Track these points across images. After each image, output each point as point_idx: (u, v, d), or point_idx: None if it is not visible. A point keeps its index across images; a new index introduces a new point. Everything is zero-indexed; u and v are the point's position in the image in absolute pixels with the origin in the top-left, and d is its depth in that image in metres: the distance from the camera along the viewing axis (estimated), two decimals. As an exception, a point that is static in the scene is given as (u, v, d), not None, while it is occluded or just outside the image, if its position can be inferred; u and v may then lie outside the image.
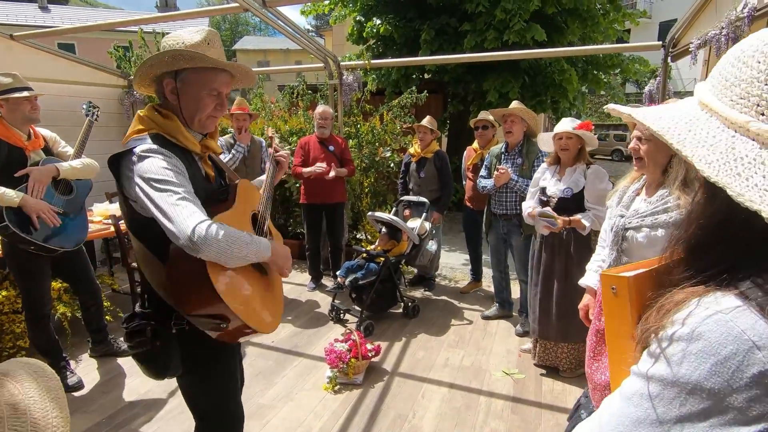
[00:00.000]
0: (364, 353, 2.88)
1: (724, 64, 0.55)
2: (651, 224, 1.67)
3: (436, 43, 7.27)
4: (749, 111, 0.50)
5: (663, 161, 1.68)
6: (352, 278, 3.56)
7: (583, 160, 2.67)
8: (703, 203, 0.57)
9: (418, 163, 4.30)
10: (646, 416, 0.52)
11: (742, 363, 0.46)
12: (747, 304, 0.48)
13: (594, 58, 7.86)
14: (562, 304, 2.76)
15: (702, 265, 0.56)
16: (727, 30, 2.38)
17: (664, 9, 22.36)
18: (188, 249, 1.18)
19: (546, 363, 2.97)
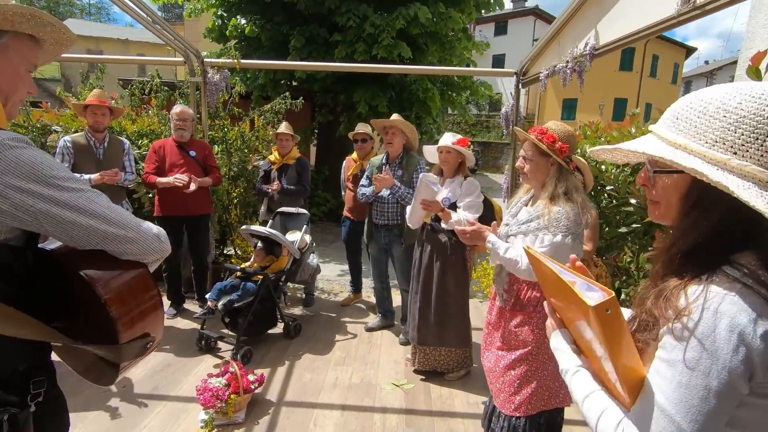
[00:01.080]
0: (246, 386, 2.55)
1: (691, 115, 0.72)
2: (525, 231, 1.85)
3: (305, 50, 7.14)
4: (726, 151, 0.68)
5: (543, 178, 1.85)
6: (225, 301, 3.15)
7: (463, 173, 2.83)
8: (698, 220, 0.72)
9: (280, 170, 4.11)
10: (704, 391, 0.64)
11: (755, 327, 0.62)
12: (743, 287, 0.65)
13: (450, 80, 8.66)
14: (439, 310, 2.88)
15: (689, 263, 0.72)
16: (572, 64, 2.80)
17: (495, 44, 26.12)
18: (148, 253, 0.97)
19: (426, 368, 3.05)
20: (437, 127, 8.81)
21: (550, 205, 1.78)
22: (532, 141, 1.81)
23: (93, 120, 3.31)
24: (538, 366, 1.84)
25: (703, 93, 0.72)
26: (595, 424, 0.77)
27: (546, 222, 1.77)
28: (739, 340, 0.62)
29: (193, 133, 3.96)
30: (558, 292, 0.90)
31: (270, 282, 3.36)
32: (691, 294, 0.68)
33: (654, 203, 0.82)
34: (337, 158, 8.49)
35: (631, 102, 22.83)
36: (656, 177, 0.78)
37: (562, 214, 1.74)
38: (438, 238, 2.88)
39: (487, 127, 25.93)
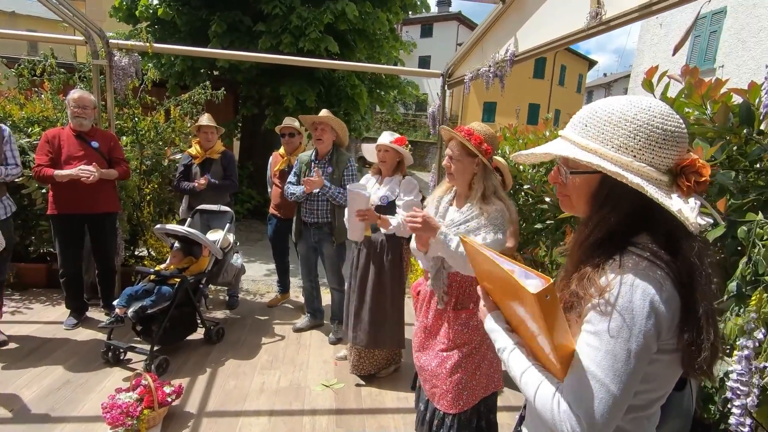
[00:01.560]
0: (162, 399, 2.34)
1: (599, 123, 0.83)
2: (465, 231, 1.88)
3: (227, 38, 6.76)
4: (628, 155, 0.80)
5: (468, 178, 1.92)
6: (137, 307, 2.87)
7: (401, 172, 2.84)
8: (609, 212, 0.84)
9: (202, 165, 3.85)
10: (626, 354, 0.75)
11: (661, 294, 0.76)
12: (648, 263, 0.78)
13: (378, 78, 8.72)
14: (375, 311, 2.85)
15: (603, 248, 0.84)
16: (494, 69, 2.94)
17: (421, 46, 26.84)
18: None
19: (360, 372, 3.02)
20: (366, 124, 8.84)
21: (485, 204, 1.84)
22: (460, 141, 1.85)
23: None
24: (481, 358, 1.89)
25: (605, 104, 0.84)
26: (533, 396, 0.85)
27: (485, 221, 1.82)
28: (651, 307, 0.75)
29: (96, 122, 3.55)
30: (494, 278, 0.96)
31: (189, 285, 3.12)
32: (609, 273, 0.79)
33: (565, 197, 0.93)
34: (262, 153, 8.18)
35: (543, 107, 24.74)
36: (572, 176, 0.88)
37: (499, 212, 1.81)
38: (374, 238, 2.86)
39: (414, 126, 26.57)
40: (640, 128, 0.79)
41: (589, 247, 0.85)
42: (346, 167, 3.40)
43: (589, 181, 0.86)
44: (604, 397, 0.75)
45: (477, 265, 1.05)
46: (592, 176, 0.85)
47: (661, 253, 0.78)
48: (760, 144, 1.73)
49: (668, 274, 0.77)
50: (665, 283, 0.76)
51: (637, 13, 1.86)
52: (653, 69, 2.27)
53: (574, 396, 0.78)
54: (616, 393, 0.75)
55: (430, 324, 1.97)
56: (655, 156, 0.79)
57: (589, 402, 0.76)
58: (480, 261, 0.99)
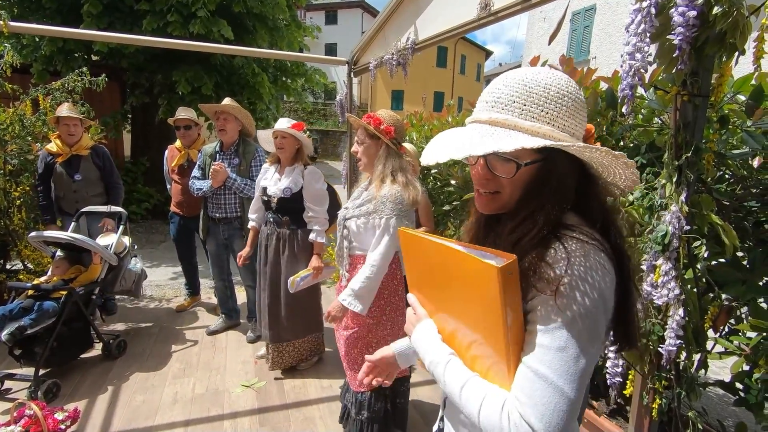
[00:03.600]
0: (54, 427, 2.08)
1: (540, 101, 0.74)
2: (358, 214, 1.95)
3: (105, 19, 6.02)
4: (566, 131, 0.75)
5: (374, 160, 1.96)
6: (13, 328, 2.48)
7: (302, 161, 2.77)
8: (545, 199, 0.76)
9: (68, 163, 3.38)
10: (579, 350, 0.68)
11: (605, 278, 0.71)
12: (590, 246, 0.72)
13: (283, 66, 8.41)
14: (291, 304, 2.79)
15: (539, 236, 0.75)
16: (396, 56, 2.99)
17: (327, 33, 26.46)
18: None
19: (282, 367, 2.95)
20: (272, 114, 8.51)
21: (378, 188, 1.90)
22: (362, 126, 1.90)
23: None
24: (378, 341, 1.96)
25: (529, 78, 0.74)
26: (477, 413, 0.73)
27: (374, 206, 1.89)
28: (600, 295, 0.69)
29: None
30: (437, 272, 0.84)
31: (78, 297, 2.78)
32: (554, 264, 0.71)
33: (493, 195, 0.81)
34: (158, 147, 7.48)
35: (447, 95, 25.94)
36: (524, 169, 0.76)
37: (388, 197, 1.87)
38: (283, 231, 2.78)
39: (324, 115, 26.25)
40: (573, 102, 0.74)
41: (530, 240, 0.75)
42: (254, 157, 3.26)
43: (534, 170, 0.76)
44: (559, 401, 0.67)
45: (413, 262, 0.93)
46: (537, 165, 0.76)
47: (597, 234, 0.74)
48: (621, 125, 2.00)
49: (608, 255, 0.73)
50: (608, 265, 0.72)
51: (519, 6, 2.02)
52: (536, 59, 2.49)
53: (525, 404, 0.68)
54: (572, 396, 0.67)
55: (355, 336, 2.01)
56: (579, 129, 0.76)
57: (543, 408, 0.67)
58: (421, 250, 0.87)
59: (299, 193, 2.73)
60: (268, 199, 2.77)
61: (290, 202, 2.72)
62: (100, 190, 3.49)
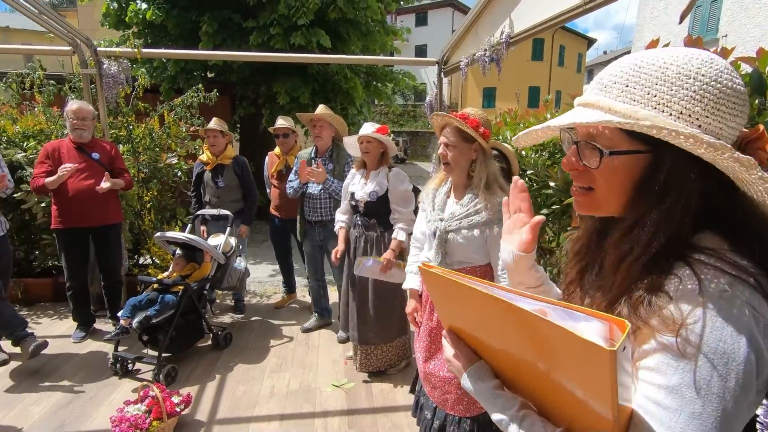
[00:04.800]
0: (171, 409, 2.32)
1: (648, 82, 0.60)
2: (467, 226, 1.80)
3: (218, 37, 6.67)
4: (692, 123, 0.58)
5: (466, 166, 1.84)
6: (141, 317, 2.84)
7: (386, 164, 2.76)
8: (672, 207, 0.59)
9: (214, 171, 3.80)
10: (718, 417, 0.51)
11: (757, 324, 0.53)
12: (733, 279, 0.55)
13: (373, 70, 8.60)
14: (378, 306, 2.81)
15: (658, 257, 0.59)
16: (489, 52, 2.85)
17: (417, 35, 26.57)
18: None
19: (369, 369, 2.97)
20: (364, 118, 8.74)
21: (489, 195, 1.75)
22: (456, 125, 1.77)
23: None
24: None
25: (651, 56, 0.61)
26: None
27: (492, 214, 1.74)
28: (749, 344, 0.52)
29: (94, 132, 3.51)
30: (490, 323, 0.68)
31: (192, 292, 3.09)
32: (679, 296, 0.55)
33: (585, 191, 0.68)
34: (262, 153, 8.07)
35: (543, 90, 24.46)
36: (608, 158, 0.63)
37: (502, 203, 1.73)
38: (370, 234, 2.81)
39: (414, 116, 26.41)
40: (707, 87, 0.57)
41: (644, 262, 0.60)
42: (347, 162, 3.34)
43: (633, 164, 0.61)
44: None
45: (444, 300, 0.77)
46: (638, 157, 0.61)
47: (744, 262, 0.56)
48: (774, 114, 1.64)
49: (758, 289, 0.55)
50: (761, 304, 0.54)
51: (636, -16, 1.77)
52: (654, 42, 2.16)
53: None
54: None
55: (434, 326, 1.88)
56: (724, 125, 0.58)
57: None
58: (460, 295, 0.69)
59: (385, 196, 2.73)
60: (355, 203, 2.81)
61: (377, 205, 2.73)
62: (238, 196, 3.85)
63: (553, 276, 3.07)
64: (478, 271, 1.83)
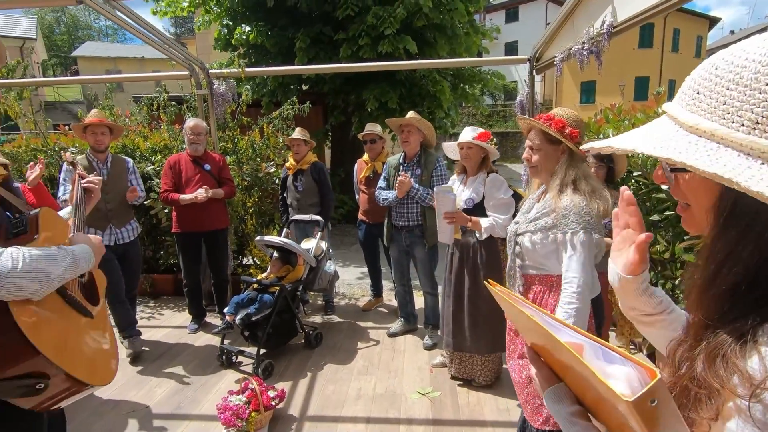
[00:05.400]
0: (267, 403, 2.48)
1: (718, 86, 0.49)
2: (533, 229, 1.72)
3: (312, 51, 7.07)
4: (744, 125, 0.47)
5: (553, 168, 1.71)
6: (243, 315, 3.10)
7: (486, 169, 2.66)
8: (740, 237, 0.49)
9: (295, 176, 4.03)
10: None
11: None
12: None
13: (460, 73, 8.46)
14: (474, 315, 2.71)
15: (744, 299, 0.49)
16: (588, 45, 2.62)
17: (507, 32, 25.57)
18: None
19: (462, 375, 2.91)
20: (451, 120, 8.63)
21: (557, 199, 1.65)
22: (539, 128, 1.68)
23: (93, 140, 3.24)
24: None
25: (733, 53, 0.49)
26: None
27: (553, 220, 1.64)
28: None
29: (206, 146, 3.93)
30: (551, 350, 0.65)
31: (287, 293, 3.29)
32: (766, 353, 0.45)
33: (684, 206, 0.60)
34: (351, 159, 8.39)
35: (653, 80, 21.99)
36: (677, 176, 0.56)
37: (570, 208, 1.60)
38: (466, 241, 2.72)
39: (504, 116, 25.46)
40: None
41: (716, 298, 0.52)
42: (435, 167, 3.31)
43: (707, 183, 0.51)
44: None
45: (513, 316, 0.75)
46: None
47: None
48: None
49: None
50: None
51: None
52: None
53: None
54: None
55: (513, 327, 1.86)
56: None
57: None
58: (523, 320, 0.68)
59: (482, 203, 2.63)
60: None
61: (473, 213, 2.63)
62: (315, 200, 4.05)
63: (667, 291, 2.71)
64: (555, 281, 1.72)
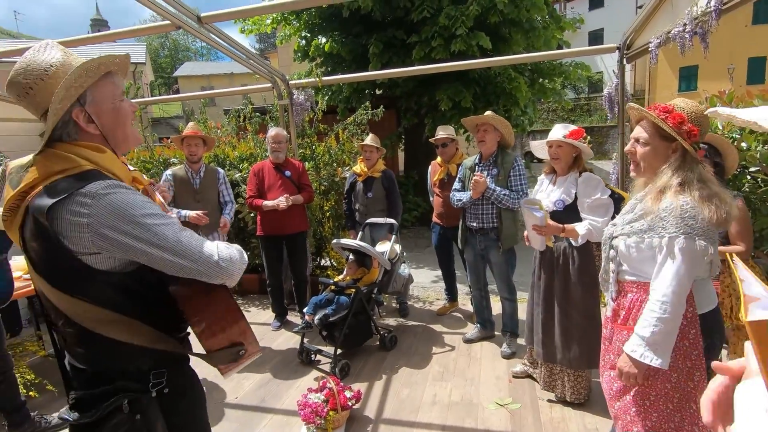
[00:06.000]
0: (344, 403, 2.53)
1: None
2: (628, 232, 1.55)
3: (385, 56, 7.17)
4: None
5: (660, 166, 1.53)
6: (321, 315, 3.21)
7: (578, 169, 2.45)
8: None
9: (365, 182, 4.07)
10: None
11: None
12: None
13: (538, 67, 8.05)
14: (566, 325, 2.52)
15: None
16: (691, 26, 2.33)
17: (591, 19, 23.85)
18: (212, 277, 1.07)
19: (550, 389, 2.73)
20: (529, 118, 8.23)
21: (656, 200, 1.47)
22: (653, 120, 1.49)
23: (188, 151, 3.55)
24: (657, 394, 1.52)
25: None
26: None
27: (649, 223, 1.47)
28: None
29: (287, 153, 4.15)
30: None
31: (362, 295, 3.35)
32: None
33: None
34: (424, 161, 8.37)
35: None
36: None
37: (669, 210, 1.41)
38: (558, 245, 2.54)
39: (588, 110, 23.78)
40: None
41: None
42: (513, 167, 3.17)
43: None
44: None
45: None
46: None
47: None
48: None
49: None
50: None
51: None
52: None
53: None
54: None
55: (607, 335, 1.70)
56: None
57: None
58: None
59: (573, 205, 2.43)
60: None
61: (564, 215, 2.44)
62: (383, 207, 4.10)
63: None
64: None
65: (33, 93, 1.01)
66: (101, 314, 1.03)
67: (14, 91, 1.02)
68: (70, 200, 0.97)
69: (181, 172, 3.62)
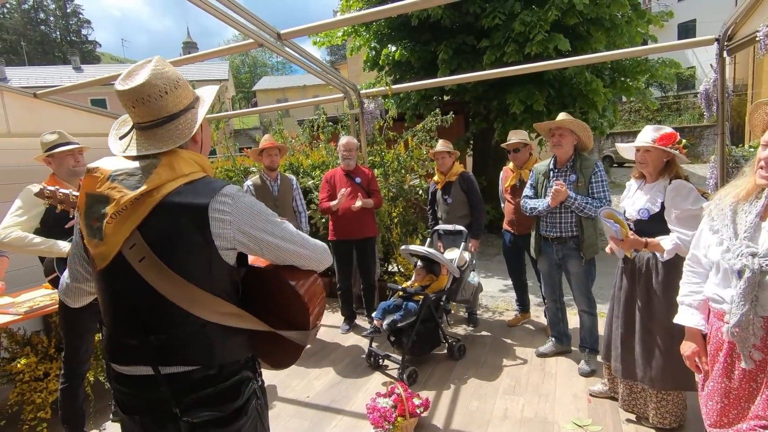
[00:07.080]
0: (412, 410, 2.53)
1: None
2: None
3: (454, 62, 7.11)
4: None
5: None
6: (389, 321, 3.23)
7: (669, 175, 2.24)
8: None
9: (444, 189, 4.02)
10: None
11: None
12: None
13: (620, 66, 7.51)
14: (647, 342, 2.32)
15: None
16: (810, 10, 2.05)
17: (680, 11, 21.83)
18: (322, 263, 1.26)
19: (632, 409, 2.52)
20: (607, 121, 7.70)
21: None
22: None
23: (269, 161, 3.79)
24: None
25: None
26: None
27: None
28: None
29: (357, 161, 4.27)
30: None
31: (431, 302, 3.33)
32: None
33: None
34: (493, 166, 8.18)
35: None
36: None
37: None
38: (641, 255, 2.36)
39: (677, 109, 21.70)
40: None
41: None
42: (593, 172, 2.98)
43: None
44: None
45: None
46: None
47: None
48: None
49: None
50: None
51: None
52: None
53: None
54: None
55: (736, 388, 1.43)
56: None
57: None
58: None
59: (660, 215, 2.23)
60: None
61: (649, 226, 2.26)
62: (465, 212, 4.00)
63: None
64: None
65: (167, 97, 1.13)
66: (228, 308, 1.13)
67: (148, 91, 1.09)
68: (214, 200, 1.08)
69: (259, 181, 3.86)
